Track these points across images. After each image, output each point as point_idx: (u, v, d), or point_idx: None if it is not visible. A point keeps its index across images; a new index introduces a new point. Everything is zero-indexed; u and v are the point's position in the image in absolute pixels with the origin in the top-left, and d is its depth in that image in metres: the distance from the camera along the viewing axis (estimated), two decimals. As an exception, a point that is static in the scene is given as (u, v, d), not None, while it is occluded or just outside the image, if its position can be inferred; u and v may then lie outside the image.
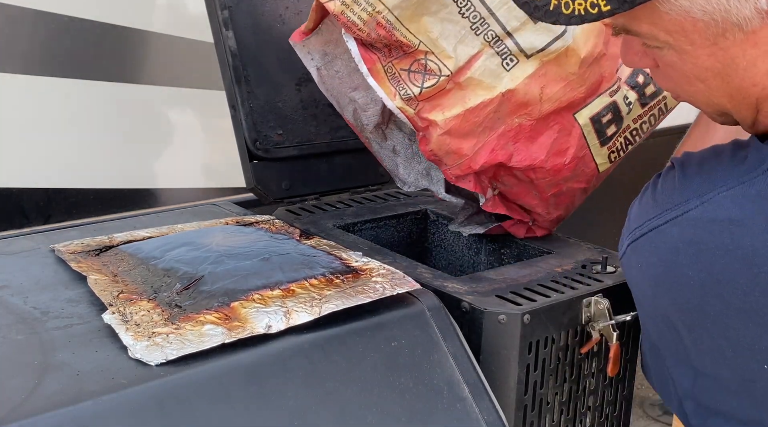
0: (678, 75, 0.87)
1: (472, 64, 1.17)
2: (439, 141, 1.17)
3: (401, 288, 1.07)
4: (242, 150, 1.40)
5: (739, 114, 0.88)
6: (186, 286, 1.03)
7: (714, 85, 0.85)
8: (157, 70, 1.88)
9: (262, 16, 1.43)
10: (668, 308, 0.90)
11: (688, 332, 0.89)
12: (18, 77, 1.68)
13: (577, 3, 0.78)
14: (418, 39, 1.15)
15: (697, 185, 0.86)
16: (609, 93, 1.22)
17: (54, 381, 0.85)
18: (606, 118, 1.22)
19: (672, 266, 0.87)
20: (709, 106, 0.91)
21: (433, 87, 1.15)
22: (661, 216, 0.88)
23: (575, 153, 1.24)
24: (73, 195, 1.77)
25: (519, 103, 1.18)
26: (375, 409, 0.96)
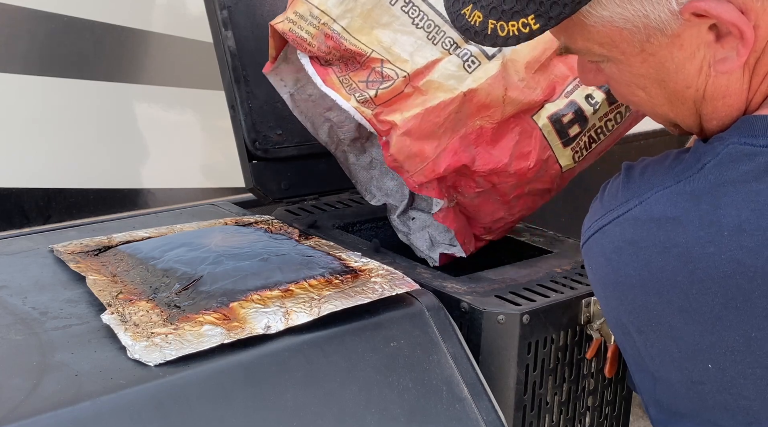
0: (621, 86, 0.89)
1: (431, 68, 1.15)
2: (399, 143, 1.13)
3: (400, 289, 1.07)
4: (241, 150, 1.40)
5: (684, 121, 0.90)
6: (185, 286, 1.03)
7: (653, 92, 0.87)
8: (157, 70, 1.88)
9: (262, 16, 1.43)
10: (619, 311, 0.90)
11: (638, 335, 0.89)
12: (18, 77, 1.68)
13: (510, 25, 0.81)
14: (371, 48, 1.15)
15: (638, 186, 0.87)
16: (564, 94, 1.22)
17: (53, 382, 0.85)
18: (567, 117, 1.21)
19: (616, 266, 0.88)
20: (656, 116, 0.92)
21: (389, 88, 1.14)
22: (605, 216, 0.89)
23: (538, 156, 1.22)
24: (73, 195, 1.77)
25: (481, 105, 1.16)
26: (374, 409, 0.96)
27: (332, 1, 1.15)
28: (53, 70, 1.71)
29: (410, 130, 1.13)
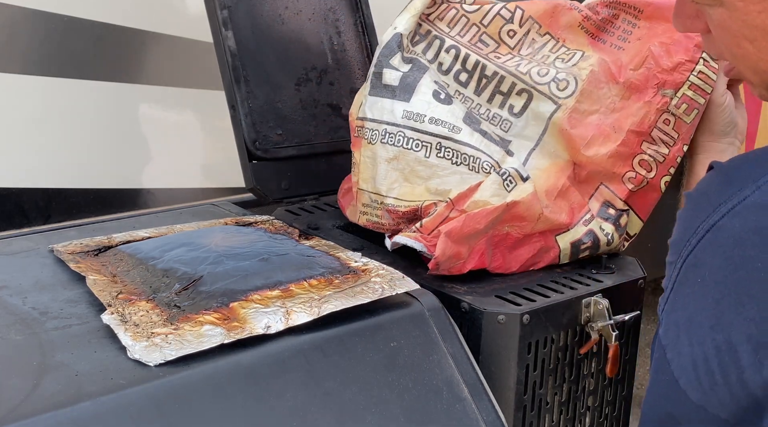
0: (727, 36, 0.83)
1: (474, 190, 1.20)
2: (441, 245, 1.17)
3: (400, 288, 1.07)
4: (241, 150, 1.40)
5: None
6: (185, 286, 1.03)
7: (763, 46, 0.81)
8: (157, 70, 1.88)
9: (262, 16, 1.43)
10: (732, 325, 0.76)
11: (753, 354, 0.75)
12: (18, 77, 1.68)
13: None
14: (421, 200, 1.22)
15: (746, 174, 0.79)
16: (583, 222, 1.25)
17: (53, 382, 0.85)
18: (585, 245, 1.25)
19: (739, 263, 0.76)
20: (757, 74, 0.86)
21: (432, 216, 1.20)
22: (714, 214, 0.79)
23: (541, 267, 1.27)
24: (73, 195, 1.77)
25: (517, 215, 1.20)
26: (374, 409, 0.96)
27: (378, 180, 1.23)
28: (53, 70, 1.71)
29: (451, 231, 1.17)
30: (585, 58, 1.27)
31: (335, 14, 1.54)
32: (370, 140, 1.23)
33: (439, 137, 1.20)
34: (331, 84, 1.52)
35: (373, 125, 1.23)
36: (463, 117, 1.23)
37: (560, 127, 1.24)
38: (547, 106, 1.24)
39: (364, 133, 1.25)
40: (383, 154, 1.22)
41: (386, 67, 1.24)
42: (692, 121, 1.25)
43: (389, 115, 1.22)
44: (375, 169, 1.23)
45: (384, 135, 1.22)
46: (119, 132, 1.84)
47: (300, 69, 1.48)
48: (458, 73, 1.29)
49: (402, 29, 1.27)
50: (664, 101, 1.23)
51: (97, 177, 1.81)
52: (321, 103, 1.49)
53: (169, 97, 1.90)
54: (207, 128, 1.99)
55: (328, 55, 1.52)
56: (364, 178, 1.25)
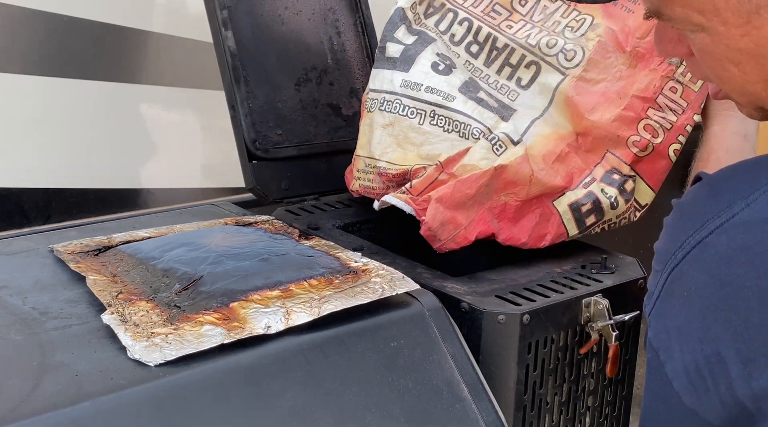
0: (711, 60, 0.82)
1: (463, 155, 1.24)
2: (433, 210, 1.20)
3: (400, 289, 1.07)
4: (241, 150, 1.40)
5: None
6: (185, 286, 1.03)
7: (748, 69, 0.80)
8: (157, 70, 1.88)
9: (262, 16, 1.43)
10: (721, 340, 0.76)
11: (742, 366, 0.75)
12: (18, 77, 1.68)
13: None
14: (411, 164, 1.27)
15: (735, 189, 0.78)
16: (583, 185, 1.26)
17: (53, 382, 0.85)
18: (585, 207, 1.25)
19: (726, 280, 0.76)
20: (744, 96, 0.85)
21: (422, 177, 1.24)
22: (702, 229, 0.78)
23: (553, 238, 1.28)
24: (73, 195, 1.77)
25: (509, 181, 1.22)
26: (374, 409, 0.96)
27: (373, 144, 1.29)
28: (53, 70, 1.71)
29: (442, 197, 1.20)
30: (594, 26, 1.28)
31: (335, 14, 1.54)
32: (369, 109, 1.31)
33: (433, 105, 1.27)
34: (331, 84, 1.52)
35: (373, 95, 1.31)
36: (459, 86, 1.28)
37: (566, 95, 1.25)
38: (554, 76, 1.27)
39: (366, 103, 1.32)
40: (380, 120, 1.29)
41: (389, 41, 1.32)
42: (700, 89, 1.25)
43: (389, 85, 1.30)
44: (371, 135, 1.30)
45: (382, 103, 1.29)
46: (119, 132, 1.84)
47: (300, 69, 1.48)
48: (469, 45, 1.33)
49: (403, 3, 1.34)
50: (670, 69, 1.24)
51: (97, 177, 1.80)
52: (321, 103, 1.49)
53: (169, 97, 1.90)
54: (207, 128, 1.99)
55: (328, 55, 1.52)
56: (361, 144, 1.32)
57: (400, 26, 1.33)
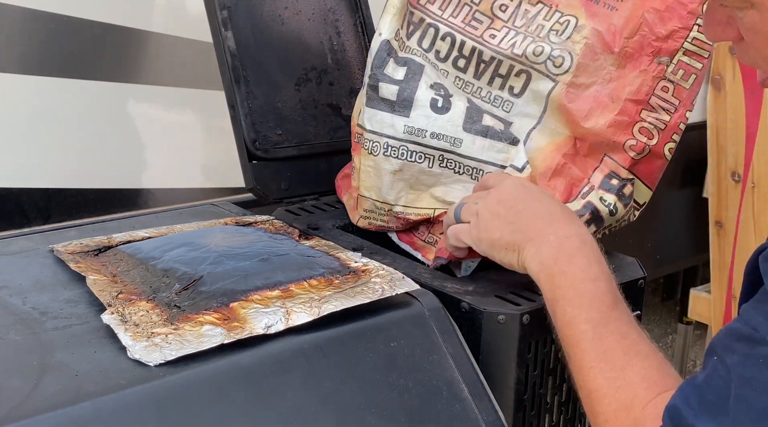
0: (760, 39, 0.81)
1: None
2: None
3: (400, 289, 1.07)
4: (241, 150, 1.40)
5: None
6: (185, 286, 1.03)
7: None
8: (157, 70, 1.88)
9: (261, 16, 1.43)
10: None
11: None
12: (18, 77, 1.68)
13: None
14: (432, 208, 1.30)
15: None
16: (581, 195, 1.25)
17: (53, 382, 0.85)
18: (584, 218, 1.23)
19: None
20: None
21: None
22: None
23: None
24: (73, 195, 1.77)
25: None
26: (374, 409, 0.96)
27: (384, 190, 1.29)
28: (53, 70, 1.71)
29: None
30: (579, 28, 1.26)
31: (335, 14, 1.54)
32: (371, 151, 1.28)
33: (441, 151, 1.27)
34: (331, 84, 1.52)
35: (373, 137, 1.28)
36: (462, 123, 1.26)
37: (558, 103, 1.25)
38: (546, 84, 1.26)
39: (364, 143, 1.29)
40: (387, 166, 1.28)
41: (381, 79, 1.28)
42: (692, 86, 1.25)
43: (390, 130, 1.27)
44: (380, 180, 1.29)
45: (386, 148, 1.27)
46: (119, 132, 1.84)
47: (300, 69, 1.48)
48: (456, 60, 1.31)
49: (387, 35, 1.30)
50: (660, 69, 1.23)
51: (97, 177, 1.80)
52: (321, 103, 1.49)
53: (169, 97, 1.90)
54: (207, 128, 1.99)
55: (328, 55, 1.52)
56: (366, 186, 1.30)
57: (388, 61, 1.29)
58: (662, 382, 0.91)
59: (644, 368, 0.92)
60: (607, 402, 0.92)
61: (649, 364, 0.93)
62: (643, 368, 0.92)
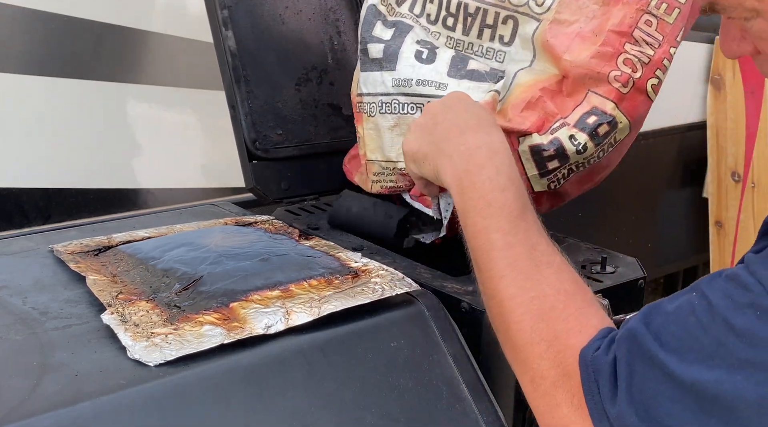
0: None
1: None
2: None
3: (400, 289, 1.07)
4: (241, 150, 1.40)
5: None
6: (185, 286, 1.03)
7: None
8: (157, 70, 1.88)
9: (262, 16, 1.43)
10: None
11: None
12: (18, 77, 1.68)
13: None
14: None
15: None
16: (551, 131, 1.24)
17: (53, 382, 0.85)
18: (547, 152, 1.23)
19: None
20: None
21: None
22: None
23: None
24: (73, 195, 1.77)
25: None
26: (374, 409, 0.96)
27: (386, 148, 1.32)
28: (53, 70, 1.71)
29: None
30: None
31: (335, 14, 1.54)
32: (370, 113, 1.32)
33: (428, 97, 1.27)
34: (331, 84, 1.52)
35: (369, 99, 1.32)
36: (447, 70, 1.28)
37: (542, 40, 1.24)
38: (531, 25, 1.26)
39: (363, 108, 1.33)
40: (384, 123, 1.30)
41: (369, 41, 1.32)
42: (675, 21, 1.24)
43: (381, 87, 1.30)
44: (380, 139, 1.31)
45: (381, 106, 1.30)
46: (119, 132, 1.84)
47: (300, 69, 1.48)
48: (445, 19, 1.32)
49: (375, 1, 1.34)
50: (644, 2, 1.23)
51: (97, 177, 1.80)
52: (321, 103, 1.49)
53: (169, 97, 1.90)
54: (207, 128, 1.99)
55: (328, 55, 1.52)
56: (371, 149, 1.33)
57: (375, 23, 1.33)
58: (579, 295, 0.91)
59: (558, 280, 0.91)
60: (521, 311, 0.91)
61: (563, 277, 0.92)
62: (557, 280, 0.91)
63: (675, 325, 0.80)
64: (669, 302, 0.83)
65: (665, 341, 0.80)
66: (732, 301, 0.78)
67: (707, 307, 0.79)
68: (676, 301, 0.83)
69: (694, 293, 0.82)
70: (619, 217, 2.72)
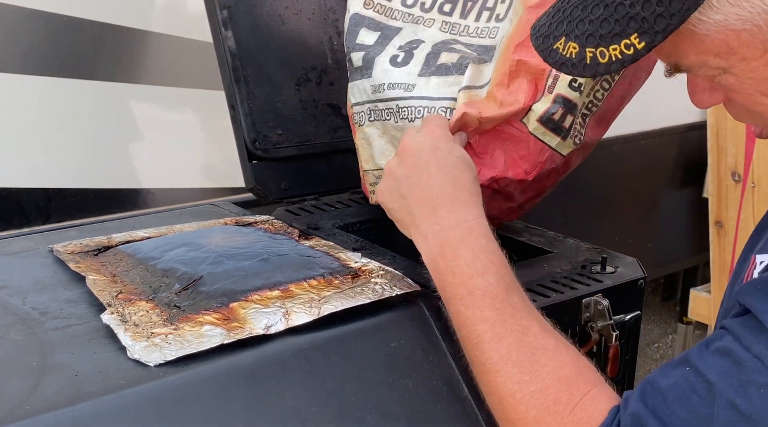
0: (744, 98, 0.82)
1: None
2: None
3: (400, 289, 1.07)
4: (241, 150, 1.40)
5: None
6: (185, 286, 1.03)
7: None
8: (157, 70, 1.88)
9: (262, 16, 1.43)
10: None
11: None
12: (18, 77, 1.68)
13: (611, 49, 0.76)
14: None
15: None
16: (548, 90, 1.18)
17: (53, 382, 0.85)
18: (557, 114, 1.17)
19: None
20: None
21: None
22: None
23: (535, 158, 1.20)
24: (73, 195, 1.77)
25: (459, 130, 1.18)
26: (374, 409, 0.96)
27: (377, 156, 1.30)
28: (53, 70, 1.71)
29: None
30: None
31: (335, 14, 1.54)
32: (360, 123, 1.31)
33: (396, 100, 1.25)
34: (331, 84, 1.52)
35: (358, 109, 1.31)
36: (419, 70, 1.24)
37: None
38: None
39: (355, 119, 1.32)
40: (373, 131, 1.29)
41: (352, 50, 1.31)
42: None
43: (365, 94, 1.29)
44: (371, 148, 1.30)
45: (369, 114, 1.29)
46: (119, 132, 1.84)
47: (300, 69, 1.48)
48: (441, 6, 1.31)
49: (356, 8, 1.33)
50: None
51: (97, 177, 1.81)
52: (321, 103, 1.49)
53: (169, 97, 1.90)
54: (207, 128, 1.99)
55: (328, 55, 1.52)
56: (364, 159, 1.32)
57: (359, 30, 1.31)
58: (582, 379, 0.87)
59: (557, 366, 0.88)
60: (523, 409, 0.87)
61: (561, 361, 0.89)
62: (555, 367, 0.88)
63: (677, 405, 0.79)
64: (662, 378, 0.82)
65: (670, 422, 0.79)
66: (730, 378, 0.77)
67: (707, 387, 0.78)
68: (669, 377, 0.81)
69: (687, 367, 0.80)
70: (619, 217, 2.72)
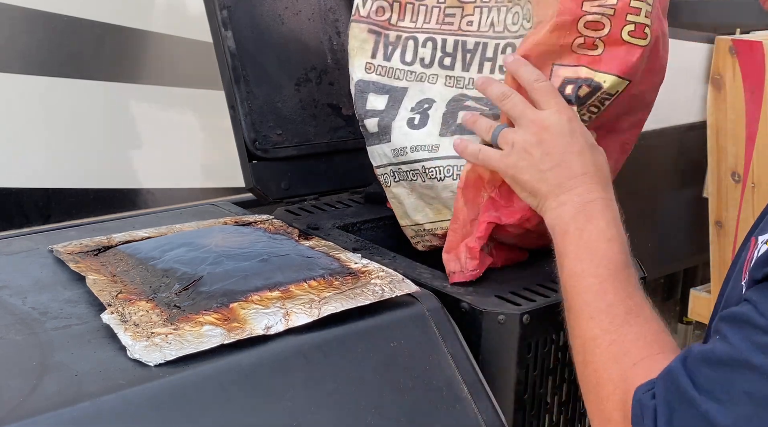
0: None
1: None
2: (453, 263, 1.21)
3: (400, 290, 1.07)
4: (241, 150, 1.40)
5: None
6: (185, 286, 1.03)
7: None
8: (157, 70, 1.88)
9: (261, 16, 1.43)
10: None
11: None
12: (18, 77, 1.68)
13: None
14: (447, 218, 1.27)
15: None
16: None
17: (53, 382, 0.85)
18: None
19: None
20: None
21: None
22: None
23: None
24: (73, 195, 1.77)
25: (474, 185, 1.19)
26: (374, 409, 0.96)
27: (411, 213, 1.33)
28: (53, 70, 1.71)
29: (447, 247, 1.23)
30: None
31: (335, 14, 1.54)
32: (386, 183, 1.34)
33: (422, 161, 1.27)
34: (331, 84, 1.52)
35: (381, 171, 1.34)
36: (439, 130, 1.26)
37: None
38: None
39: (381, 179, 1.35)
40: (401, 191, 1.32)
41: (365, 117, 1.33)
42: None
43: (385, 158, 1.31)
44: (403, 206, 1.33)
45: (394, 175, 1.31)
46: (119, 132, 1.84)
47: (300, 69, 1.48)
48: (442, 60, 1.30)
49: (359, 75, 1.35)
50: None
51: (97, 177, 1.81)
52: (321, 103, 1.49)
53: (169, 97, 1.90)
54: (207, 128, 1.99)
55: (328, 55, 1.52)
56: (399, 215, 1.35)
57: (367, 96, 1.33)
58: (657, 343, 0.92)
59: (642, 329, 0.93)
60: (599, 352, 0.93)
61: (648, 326, 0.94)
62: (641, 328, 0.93)
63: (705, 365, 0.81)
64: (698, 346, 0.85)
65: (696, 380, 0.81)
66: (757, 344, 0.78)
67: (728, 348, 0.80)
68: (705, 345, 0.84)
69: (717, 336, 0.83)
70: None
